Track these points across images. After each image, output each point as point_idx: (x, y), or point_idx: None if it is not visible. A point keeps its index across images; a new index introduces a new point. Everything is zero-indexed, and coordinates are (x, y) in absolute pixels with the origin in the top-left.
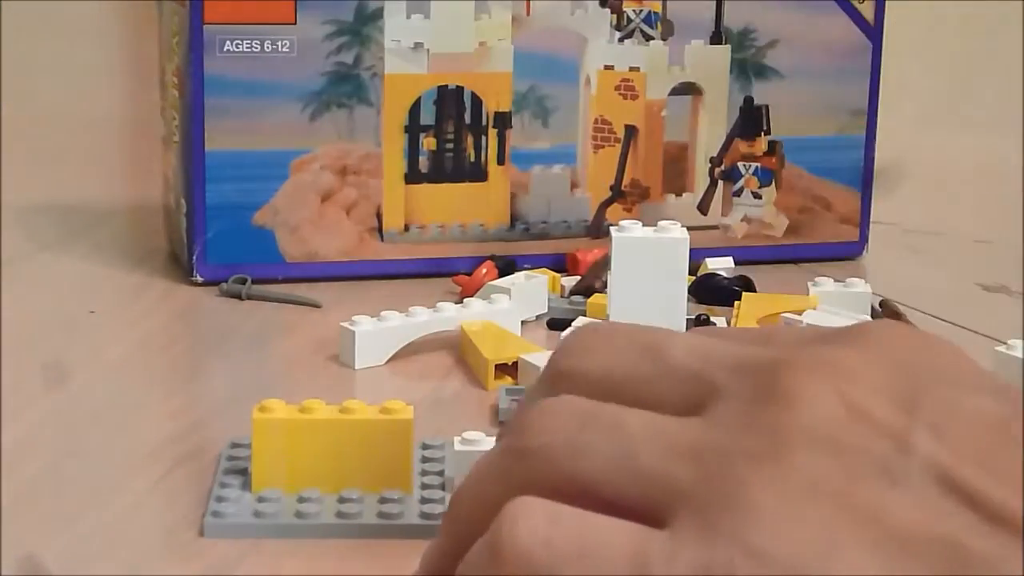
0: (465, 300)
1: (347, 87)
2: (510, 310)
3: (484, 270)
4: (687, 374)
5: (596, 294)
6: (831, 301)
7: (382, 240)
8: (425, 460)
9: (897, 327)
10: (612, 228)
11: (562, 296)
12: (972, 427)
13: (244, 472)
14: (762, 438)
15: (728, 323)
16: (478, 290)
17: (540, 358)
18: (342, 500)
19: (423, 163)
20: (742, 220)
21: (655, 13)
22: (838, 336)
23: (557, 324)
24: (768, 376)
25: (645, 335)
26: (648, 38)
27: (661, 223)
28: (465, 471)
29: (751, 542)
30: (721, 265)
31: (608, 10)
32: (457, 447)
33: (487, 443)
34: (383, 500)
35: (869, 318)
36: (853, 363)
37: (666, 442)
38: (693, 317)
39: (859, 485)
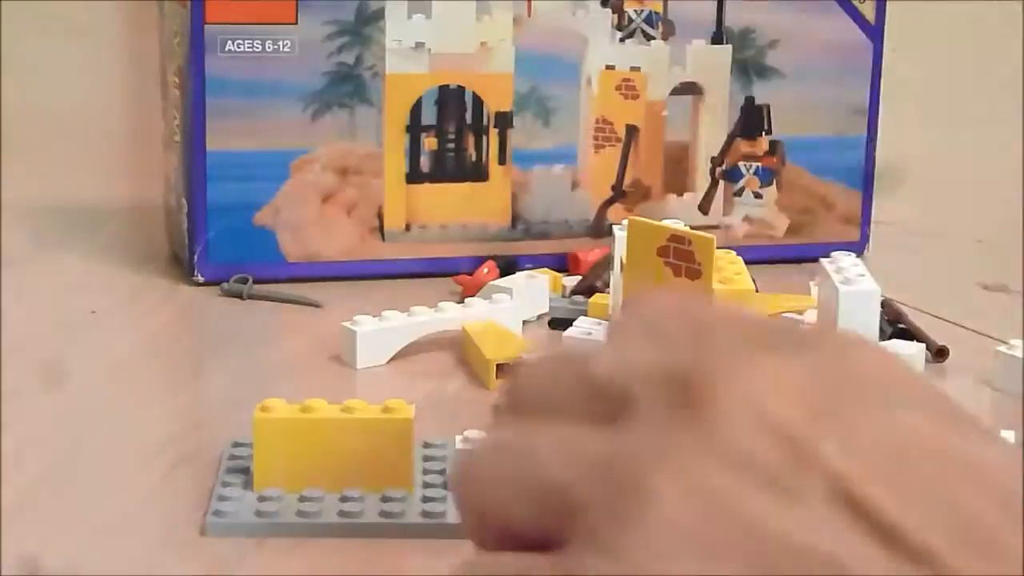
0: (466, 300)
1: (348, 87)
2: (511, 310)
3: (485, 270)
4: (606, 386)
5: (597, 294)
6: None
7: (383, 240)
8: (427, 459)
9: (856, 340)
10: (615, 228)
11: (563, 296)
12: (890, 444)
13: (246, 471)
14: (665, 446)
15: None
16: (479, 290)
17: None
18: (344, 499)
19: (424, 163)
20: (743, 220)
21: (656, 13)
22: (787, 341)
23: (559, 324)
24: (683, 384)
25: (580, 353)
26: (649, 38)
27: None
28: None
29: (632, 559)
30: None
31: (609, 10)
32: (459, 446)
33: None
34: (385, 499)
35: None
36: (781, 373)
37: (572, 453)
38: None
39: (751, 498)
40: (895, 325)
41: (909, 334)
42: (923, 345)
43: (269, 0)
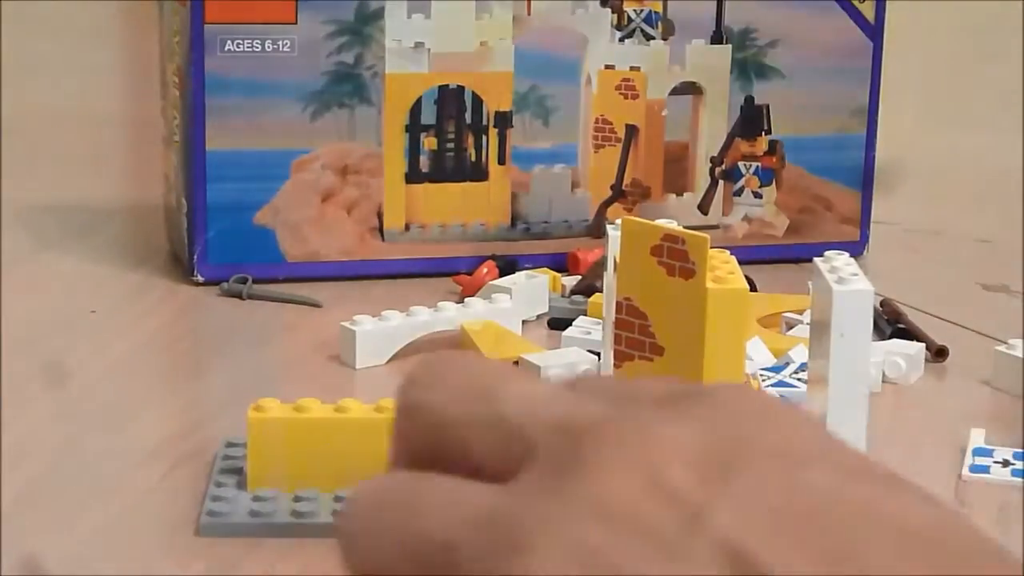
0: (466, 300)
1: (348, 87)
2: (511, 310)
3: (485, 270)
4: (510, 427)
5: (597, 293)
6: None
7: (383, 240)
8: None
9: (749, 394)
10: (610, 227)
11: (563, 295)
12: (786, 502)
13: (239, 471)
14: (553, 506)
15: None
16: (479, 290)
17: (541, 358)
18: (338, 499)
19: (424, 163)
20: (743, 220)
21: (656, 13)
22: (677, 401)
23: (558, 324)
24: (577, 442)
25: (486, 376)
26: (649, 38)
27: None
28: None
29: None
30: None
31: (609, 10)
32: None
33: None
34: (348, 493)
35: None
36: (673, 433)
37: (456, 507)
38: None
39: (636, 561)
40: (895, 324)
41: (908, 333)
42: (922, 345)
43: (269, 0)
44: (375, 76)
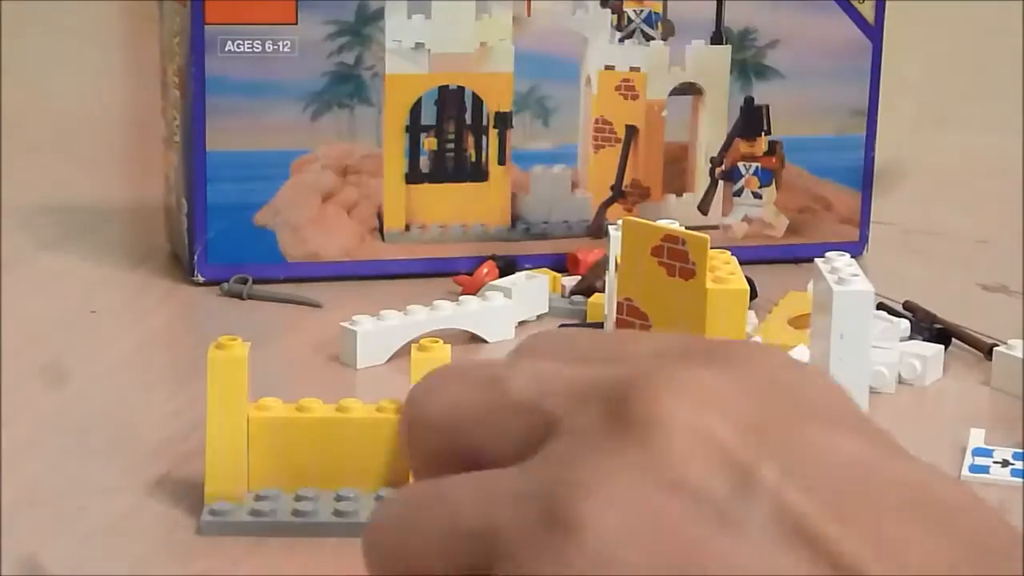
0: (460, 298)
1: (348, 87)
2: (506, 308)
3: (485, 270)
4: (526, 407)
5: (596, 294)
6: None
7: (383, 240)
8: None
9: (770, 351)
10: (611, 227)
11: (563, 296)
12: (831, 469)
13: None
14: (596, 471)
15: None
16: (479, 290)
17: None
18: (339, 499)
19: (424, 163)
20: (742, 220)
21: (656, 13)
22: (700, 353)
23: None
24: (618, 402)
25: (487, 369)
26: (649, 38)
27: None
28: None
29: None
30: None
31: (609, 10)
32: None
33: None
34: (379, 499)
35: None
36: (713, 386)
37: (488, 496)
38: None
39: (692, 528)
40: (931, 326)
41: (946, 333)
42: (941, 347)
43: (269, 0)
44: (375, 76)
